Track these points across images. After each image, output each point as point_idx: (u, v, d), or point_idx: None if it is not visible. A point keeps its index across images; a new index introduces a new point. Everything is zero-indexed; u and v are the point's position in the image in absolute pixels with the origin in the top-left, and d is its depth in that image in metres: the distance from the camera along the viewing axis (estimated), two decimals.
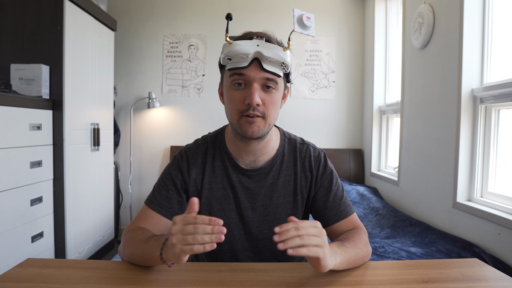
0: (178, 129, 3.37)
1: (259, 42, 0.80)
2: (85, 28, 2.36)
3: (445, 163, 1.99)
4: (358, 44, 3.39)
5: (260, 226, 0.95)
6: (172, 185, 0.93)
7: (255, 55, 0.80)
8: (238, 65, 0.81)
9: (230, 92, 0.85)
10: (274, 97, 0.85)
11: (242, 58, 0.80)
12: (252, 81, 0.82)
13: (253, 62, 0.81)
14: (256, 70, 0.81)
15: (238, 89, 0.83)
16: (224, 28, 3.30)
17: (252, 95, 0.81)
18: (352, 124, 3.42)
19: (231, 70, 0.82)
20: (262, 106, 0.83)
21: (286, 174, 0.96)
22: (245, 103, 0.82)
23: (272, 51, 0.80)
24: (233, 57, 0.80)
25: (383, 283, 0.74)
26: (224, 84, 0.88)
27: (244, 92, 0.83)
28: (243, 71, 0.81)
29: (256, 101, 0.81)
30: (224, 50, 0.81)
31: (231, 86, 0.84)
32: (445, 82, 2.00)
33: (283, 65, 0.83)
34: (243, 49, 0.79)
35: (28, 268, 0.78)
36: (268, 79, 0.82)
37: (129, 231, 0.87)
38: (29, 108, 1.88)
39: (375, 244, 1.88)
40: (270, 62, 0.81)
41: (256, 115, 0.83)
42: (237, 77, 0.82)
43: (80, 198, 2.33)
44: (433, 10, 2.13)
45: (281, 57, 0.81)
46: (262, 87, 0.83)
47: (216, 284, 0.71)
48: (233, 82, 0.83)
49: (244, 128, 0.84)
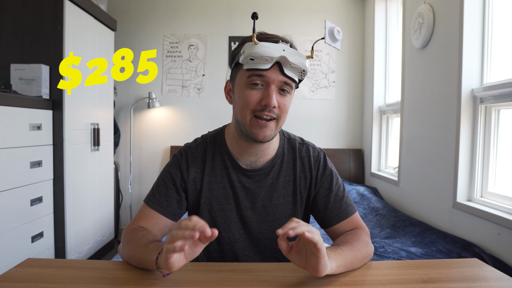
0: (178, 129, 3.37)
1: (284, 46, 0.80)
2: (85, 28, 2.36)
3: (445, 163, 1.99)
4: (358, 44, 3.39)
5: (259, 226, 0.94)
6: (171, 184, 0.93)
7: (279, 59, 0.80)
8: (260, 67, 0.80)
9: (245, 91, 0.83)
10: (287, 100, 0.85)
11: (266, 60, 0.79)
12: (271, 83, 0.81)
13: (274, 65, 0.81)
14: (276, 73, 0.81)
15: (255, 88, 0.82)
16: (224, 27, 3.35)
17: (270, 97, 0.80)
18: (352, 124, 3.42)
19: (251, 70, 0.81)
20: (277, 108, 0.83)
21: (286, 175, 0.96)
22: (261, 104, 0.82)
23: (296, 58, 0.80)
24: (256, 58, 0.79)
25: (383, 283, 0.74)
26: (237, 82, 0.86)
27: (260, 93, 0.82)
28: (264, 73, 0.81)
29: (273, 103, 0.80)
30: (246, 49, 0.79)
31: (248, 86, 0.83)
32: (445, 82, 2.00)
33: (303, 72, 0.84)
34: (268, 51, 0.78)
35: (28, 268, 0.78)
36: (286, 83, 0.83)
37: (129, 231, 0.87)
38: (29, 108, 1.88)
39: (375, 244, 1.88)
40: (291, 67, 0.81)
41: (271, 117, 0.83)
42: (256, 77, 0.81)
43: (80, 198, 2.33)
44: (433, 10, 2.13)
45: (303, 64, 0.81)
46: (278, 90, 0.83)
47: (216, 284, 0.71)
48: (251, 82, 0.82)
49: (255, 131, 0.84)
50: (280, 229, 0.64)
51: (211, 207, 0.94)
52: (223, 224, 0.94)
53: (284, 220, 0.95)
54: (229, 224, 0.94)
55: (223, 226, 0.94)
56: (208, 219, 0.94)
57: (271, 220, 0.94)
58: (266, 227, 0.94)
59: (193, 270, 0.78)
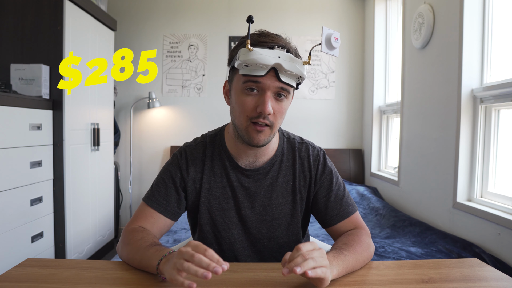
0: (178, 129, 3.37)
1: (280, 53, 0.78)
2: (85, 28, 2.36)
3: (445, 163, 1.99)
4: (358, 44, 3.39)
5: (259, 226, 0.94)
6: (171, 183, 0.92)
7: (274, 66, 0.79)
8: (255, 73, 0.78)
9: (241, 97, 0.82)
10: (283, 106, 0.84)
11: (260, 67, 0.78)
12: (267, 90, 0.80)
13: (270, 71, 0.79)
14: (272, 79, 0.80)
15: (250, 94, 0.81)
16: (224, 27, 3.34)
17: (265, 104, 0.79)
18: (352, 124, 3.42)
19: (246, 76, 0.80)
20: (272, 115, 0.82)
21: (285, 174, 0.95)
22: (256, 110, 0.81)
23: (292, 65, 0.79)
24: (250, 65, 0.78)
25: (383, 283, 0.74)
26: (234, 86, 0.85)
27: (256, 99, 0.81)
28: (259, 79, 0.79)
29: (268, 110, 0.79)
30: (241, 56, 0.77)
31: (243, 91, 0.82)
32: (445, 82, 2.00)
33: (300, 78, 0.83)
34: (263, 59, 0.76)
35: (28, 268, 0.78)
36: (282, 88, 0.81)
37: (129, 231, 0.86)
38: (29, 108, 1.88)
39: (375, 244, 1.88)
40: (287, 74, 0.80)
41: (265, 124, 0.82)
42: (251, 83, 0.80)
43: (80, 198, 2.33)
44: (433, 10, 2.13)
45: (299, 71, 0.80)
46: (274, 95, 0.82)
47: (216, 284, 0.71)
48: (246, 87, 0.81)
49: (252, 135, 0.83)
50: (285, 268, 0.64)
51: (210, 206, 0.94)
52: (222, 223, 0.94)
53: (283, 220, 0.95)
54: (228, 224, 0.94)
55: (222, 225, 0.94)
56: (207, 219, 0.94)
57: (270, 219, 0.94)
58: (265, 226, 0.94)
59: None
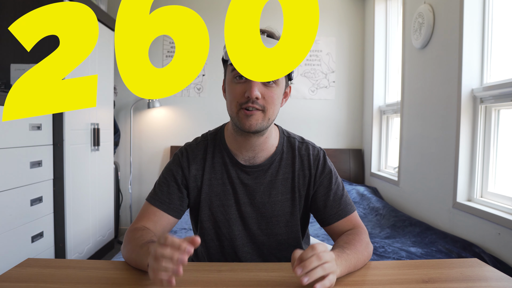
0: (178, 129, 3.37)
1: (262, 38, 0.80)
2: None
3: (445, 163, 1.99)
4: (358, 44, 3.39)
5: (258, 222, 0.95)
6: (173, 181, 0.94)
7: None
8: None
9: (231, 86, 0.87)
10: (274, 92, 0.86)
11: None
12: None
13: None
14: None
15: (239, 82, 0.85)
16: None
17: (252, 88, 0.82)
18: (352, 124, 3.42)
19: (232, 64, 0.83)
20: (262, 100, 0.84)
21: (285, 172, 0.96)
22: (244, 96, 0.83)
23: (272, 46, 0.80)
24: None
25: (383, 283, 0.74)
26: (226, 78, 0.90)
27: (244, 86, 0.84)
28: None
29: (255, 94, 0.82)
30: None
31: (233, 80, 0.86)
32: (445, 82, 2.00)
33: None
34: None
35: (28, 268, 0.78)
36: None
37: (130, 230, 0.87)
38: None
39: (375, 244, 1.88)
40: None
41: (255, 108, 0.84)
42: (238, 71, 0.82)
43: (80, 198, 2.33)
44: (433, 10, 2.13)
45: None
46: (262, 82, 0.84)
47: (216, 284, 0.71)
48: (235, 76, 0.85)
49: (243, 121, 0.85)
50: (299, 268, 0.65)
51: (211, 203, 0.95)
52: (223, 220, 0.95)
53: (282, 217, 0.95)
54: (229, 220, 0.95)
55: (223, 222, 0.95)
56: (208, 215, 0.95)
57: (270, 216, 0.95)
58: (265, 223, 0.95)
59: (193, 270, 0.78)
